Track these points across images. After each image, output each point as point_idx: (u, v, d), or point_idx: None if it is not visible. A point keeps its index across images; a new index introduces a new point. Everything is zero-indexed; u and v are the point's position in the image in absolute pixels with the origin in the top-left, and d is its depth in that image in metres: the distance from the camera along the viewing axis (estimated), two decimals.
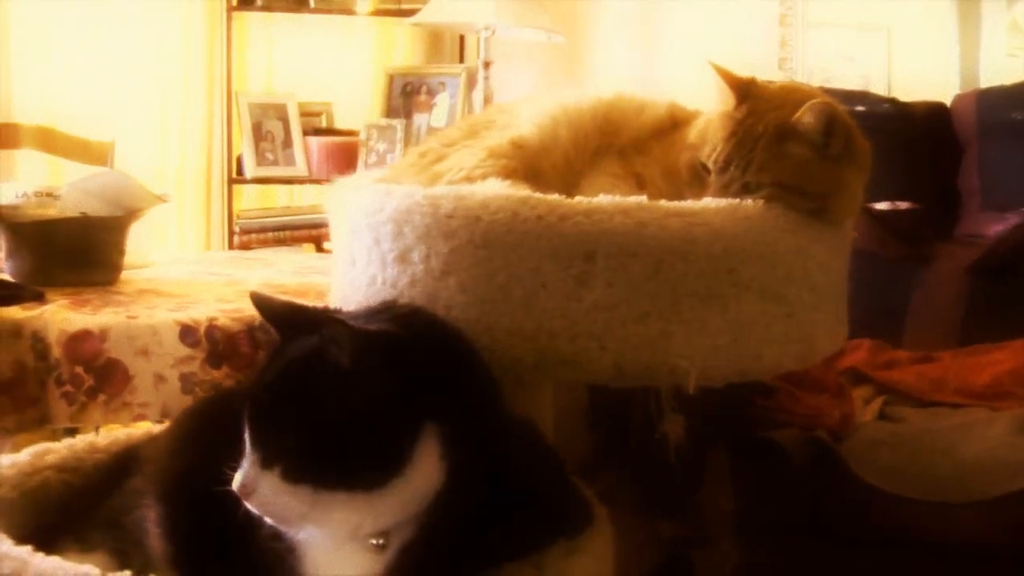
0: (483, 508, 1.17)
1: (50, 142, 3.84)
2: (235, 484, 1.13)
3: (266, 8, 4.30)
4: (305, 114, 4.44)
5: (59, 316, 2.19)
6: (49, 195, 2.76)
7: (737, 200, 1.53)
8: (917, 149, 3.17)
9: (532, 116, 1.71)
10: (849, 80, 3.99)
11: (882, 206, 3.09)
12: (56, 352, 2.14)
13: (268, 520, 1.14)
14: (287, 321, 1.18)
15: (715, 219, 1.50)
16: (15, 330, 2.19)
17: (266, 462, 1.12)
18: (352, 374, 1.10)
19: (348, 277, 1.63)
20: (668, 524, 2.33)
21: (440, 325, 1.25)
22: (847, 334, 1.73)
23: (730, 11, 4.22)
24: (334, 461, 1.10)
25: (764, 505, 2.26)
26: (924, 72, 3.92)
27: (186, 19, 4.32)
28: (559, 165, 1.67)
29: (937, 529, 2.03)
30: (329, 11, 4.45)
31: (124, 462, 1.43)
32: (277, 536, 1.18)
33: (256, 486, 1.12)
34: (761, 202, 1.53)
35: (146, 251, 3.78)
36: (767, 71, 3.97)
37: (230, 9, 4.19)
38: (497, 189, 1.54)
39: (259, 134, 4.29)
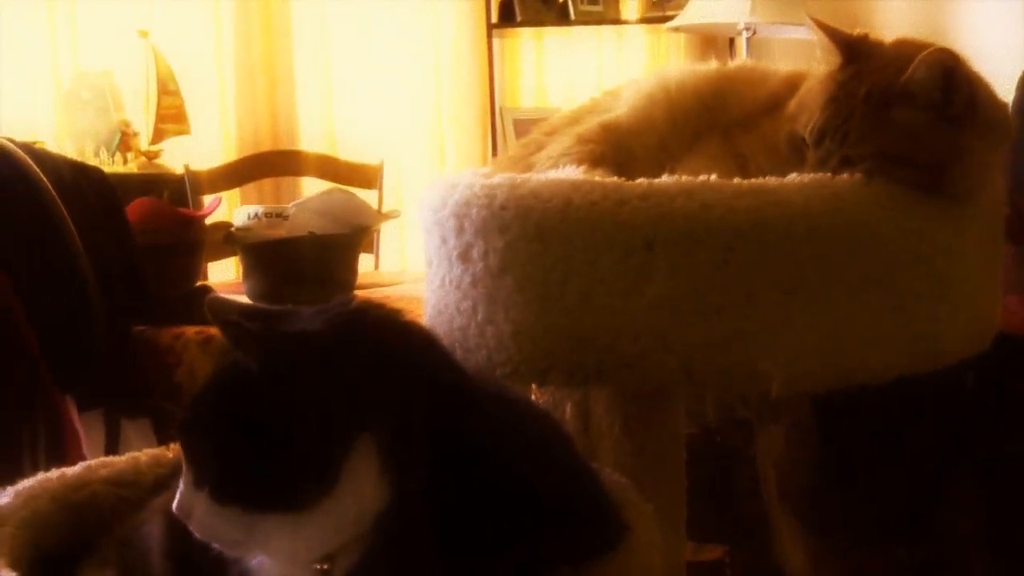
0: (450, 528, 1.03)
1: (329, 169, 3.99)
2: (174, 506, 1.05)
3: (526, 24, 4.28)
4: None
5: None
6: (279, 216, 2.81)
7: (829, 175, 1.31)
8: None
9: (631, 96, 1.55)
10: None
11: None
12: None
13: (214, 545, 1.05)
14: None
15: (796, 198, 1.29)
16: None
17: (198, 483, 1.03)
18: (262, 381, 0.99)
19: (427, 280, 1.53)
20: (903, 548, 2.10)
21: (388, 324, 1.10)
22: (995, 328, 1.45)
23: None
24: (255, 479, 1.00)
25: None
26: None
27: (456, 39, 4.37)
28: (652, 148, 1.50)
29: None
30: (599, 22, 4.39)
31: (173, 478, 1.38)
32: (234, 561, 1.09)
33: (192, 508, 1.03)
34: (859, 176, 1.31)
35: (403, 270, 3.84)
36: None
37: (490, 27, 4.20)
38: (560, 176, 1.39)
39: None
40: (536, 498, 1.08)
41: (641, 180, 1.32)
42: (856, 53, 1.38)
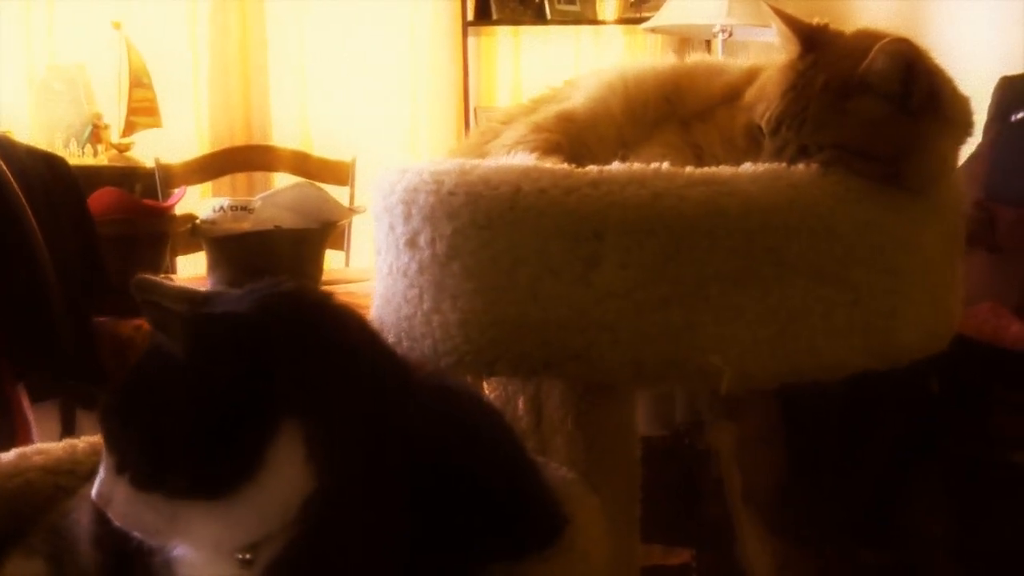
0: (375, 518, 0.99)
1: (302, 165, 3.93)
2: (93, 492, 1.01)
3: (503, 22, 4.26)
4: None
5: None
6: (244, 209, 2.77)
7: (784, 165, 1.28)
8: None
9: (589, 87, 1.52)
10: None
11: None
12: None
13: (134, 533, 1.02)
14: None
15: (750, 187, 1.26)
16: None
17: (119, 468, 1.00)
18: (184, 363, 0.96)
19: (376, 268, 1.50)
20: (869, 551, 2.11)
21: (319, 307, 1.06)
22: (954, 327, 1.42)
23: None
24: (176, 464, 0.96)
25: (993, 533, 2.01)
26: None
27: (432, 36, 4.33)
28: (609, 138, 1.47)
29: None
30: (576, 22, 4.36)
31: None
32: (155, 551, 1.05)
33: (112, 495, 1.00)
34: (815, 166, 1.28)
35: (372, 267, 3.79)
36: None
37: (465, 25, 4.17)
38: (510, 162, 1.36)
39: None
40: (469, 489, 1.04)
41: (591, 168, 1.29)
42: (815, 42, 1.35)
